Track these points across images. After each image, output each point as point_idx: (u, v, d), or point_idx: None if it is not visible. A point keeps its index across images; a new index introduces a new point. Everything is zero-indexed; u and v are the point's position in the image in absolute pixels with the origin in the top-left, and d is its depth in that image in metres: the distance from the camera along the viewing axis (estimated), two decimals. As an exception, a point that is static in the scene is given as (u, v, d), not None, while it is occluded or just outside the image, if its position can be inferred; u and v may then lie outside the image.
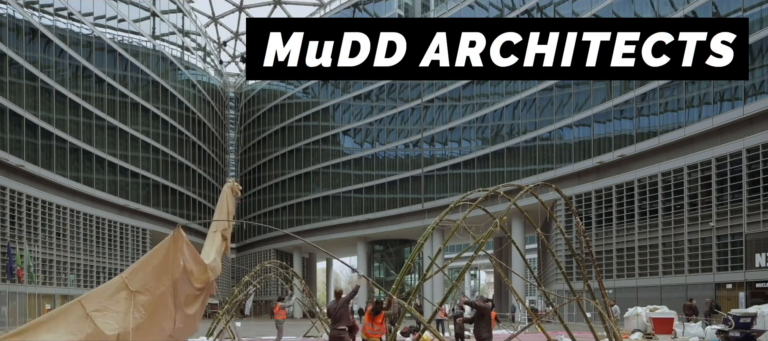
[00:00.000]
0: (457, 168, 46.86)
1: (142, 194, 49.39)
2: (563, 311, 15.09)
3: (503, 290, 52.08)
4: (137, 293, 6.99)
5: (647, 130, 32.33)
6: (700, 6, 29.25)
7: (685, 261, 29.66)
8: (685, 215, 29.62)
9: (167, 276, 7.45)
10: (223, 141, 70.78)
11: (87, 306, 6.66)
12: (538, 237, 15.73)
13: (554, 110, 38.65)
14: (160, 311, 7.39)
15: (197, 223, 59.89)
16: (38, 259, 35.45)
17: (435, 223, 11.30)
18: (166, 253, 7.45)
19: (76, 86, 39.88)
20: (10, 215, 32.79)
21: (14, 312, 32.60)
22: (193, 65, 59.69)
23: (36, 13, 35.85)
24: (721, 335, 16.94)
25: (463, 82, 45.68)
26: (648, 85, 31.73)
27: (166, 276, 7.42)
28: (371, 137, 55.15)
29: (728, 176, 27.42)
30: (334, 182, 57.32)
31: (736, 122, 27.22)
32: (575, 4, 36.92)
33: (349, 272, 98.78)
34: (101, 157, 43.18)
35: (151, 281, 7.24)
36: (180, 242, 7.55)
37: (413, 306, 20.23)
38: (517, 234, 41.03)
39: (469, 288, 75.93)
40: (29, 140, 35.01)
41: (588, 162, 35.88)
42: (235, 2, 65.71)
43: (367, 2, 54.28)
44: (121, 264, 46.01)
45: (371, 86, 53.75)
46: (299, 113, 61.63)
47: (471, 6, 45.38)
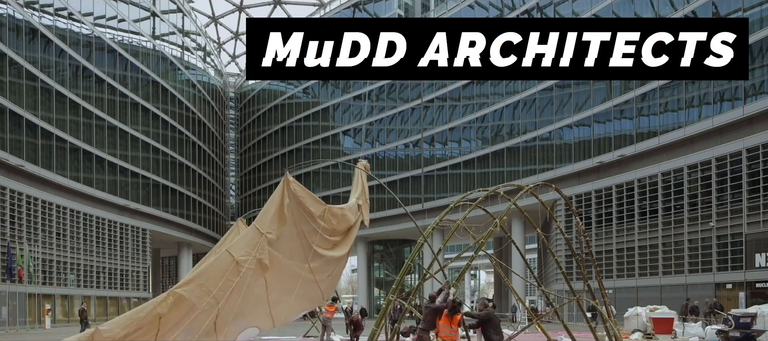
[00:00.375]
0: (457, 168, 46.87)
1: (142, 194, 49.38)
2: (563, 311, 15.09)
3: (503, 290, 52.08)
4: (268, 233, 7.85)
5: (647, 130, 32.33)
6: (700, 6, 29.25)
7: (685, 261, 29.66)
8: (685, 215, 29.62)
9: (289, 222, 8.11)
10: (223, 141, 70.78)
11: (235, 253, 7.63)
12: (538, 237, 15.73)
13: (554, 110, 38.65)
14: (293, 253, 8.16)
15: (199, 225, 59.92)
16: (38, 259, 35.44)
17: (435, 223, 11.29)
18: (281, 198, 8.09)
19: (76, 86, 39.88)
20: (10, 215, 32.79)
21: (14, 312, 32.59)
22: (193, 65, 59.69)
23: (36, 13, 35.85)
24: (721, 335, 16.95)
25: (463, 82, 45.68)
26: (648, 85, 31.73)
27: (288, 223, 8.09)
28: (371, 137, 55.16)
29: (728, 176, 27.41)
30: (334, 182, 57.33)
31: (736, 122, 27.22)
32: (575, 4, 36.92)
33: (349, 272, 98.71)
34: (101, 157, 43.18)
35: (275, 224, 8.01)
36: (290, 185, 8.15)
37: (413, 306, 20.24)
38: (517, 234, 41.03)
39: (469, 287, 75.93)
40: (29, 140, 35.01)
41: (588, 162, 35.88)
42: (235, 2, 65.72)
43: (367, 2, 54.28)
44: (121, 264, 46.02)
45: (371, 86, 53.75)
46: (299, 113, 61.63)
47: (471, 6, 45.38)
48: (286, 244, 8.22)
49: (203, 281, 7.66)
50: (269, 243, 7.94)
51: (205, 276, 7.64)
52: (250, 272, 7.82)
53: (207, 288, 7.59)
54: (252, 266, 7.78)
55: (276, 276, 8.20)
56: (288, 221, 8.15)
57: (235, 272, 7.70)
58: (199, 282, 7.58)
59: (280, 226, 8.09)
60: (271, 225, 8.09)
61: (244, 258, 7.75)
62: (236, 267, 7.72)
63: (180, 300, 7.58)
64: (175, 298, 7.61)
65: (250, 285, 7.91)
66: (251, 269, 7.84)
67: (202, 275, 7.71)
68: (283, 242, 8.13)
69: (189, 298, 7.58)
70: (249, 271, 7.79)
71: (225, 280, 7.68)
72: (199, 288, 7.59)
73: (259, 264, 7.87)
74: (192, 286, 7.55)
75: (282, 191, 8.11)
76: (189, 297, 7.51)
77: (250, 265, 7.76)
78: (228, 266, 7.76)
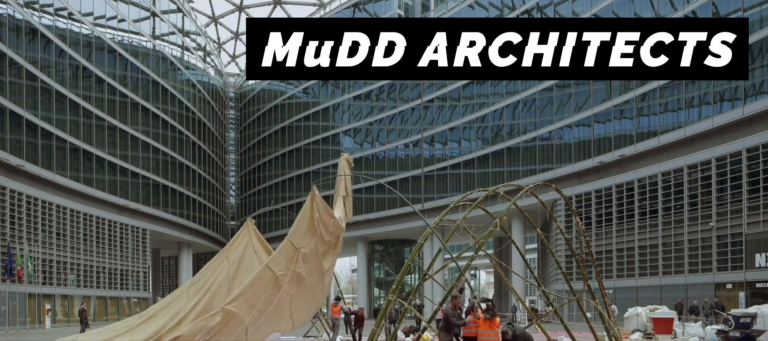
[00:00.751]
0: (457, 168, 46.87)
1: (142, 194, 49.39)
2: (563, 311, 15.09)
3: (503, 290, 52.08)
4: (302, 248, 8.47)
5: (647, 130, 32.33)
6: (700, 6, 29.25)
7: (685, 261, 29.66)
8: (685, 215, 29.61)
9: (315, 233, 8.72)
10: (223, 141, 70.78)
11: (275, 268, 8.24)
12: (538, 237, 15.73)
13: (554, 110, 38.65)
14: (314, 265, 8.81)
15: (199, 225, 59.91)
16: (38, 259, 35.44)
17: (435, 223, 11.29)
18: (311, 212, 8.65)
19: (76, 86, 39.88)
20: (10, 215, 32.79)
21: (14, 312, 32.58)
22: (193, 65, 59.69)
23: (36, 13, 35.86)
24: (721, 335, 16.94)
25: (463, 82, 45.66)
26: (648, 85, 31.73)
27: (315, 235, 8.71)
28: (371, 137, 55.14)
29: (728, 176, 27.41)
30: (334, 182, 57.26)
31: (736, 122, 27.22)
32: (575, 4, 36.91)
33: (349, 272, 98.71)
34: (101, 157, 43.18)
35: (307, 238, 8.62)
36: (316, 199, 8.75)
37: (414, 305, 20.25)
38: (517, 234, 41.02)
39: (469, 287, 75.80)
40: (29, 140, 35.01)
41: (588, 162, 35.87)
42: (235, 2, 65.72)
43: (367, 2, 54.27)
44: (121, 264, 46.02)
45: (371, 85, 53.74)
46: (299, 113, 61.63)
47: (471, 6, 45.38)
48: (311, 255, 8.73)
49: (248, 296, 8.21)
50: (303, 257, 8.51)
51: (250, 291, 8.22)
52: (290, 285, 8.43)
53: (252, 302, 8.15)
54: (292, 280, 8.38)
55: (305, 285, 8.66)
56: (316, 233, 8.77)
57: (276, 286, 8.31)
58: (246, 298, 8.15)
59: (310, 239, 8.67)
60: (303, 239, 8.65)
61: (282, 273, 8.34)
62: (277, 282, 8.32)
63: (230, 316, 8.08)
64: (224, 314, 8.08)
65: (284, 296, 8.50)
66: (291, 282, 8.45)
67: (247, 291, 8.25)
68: (310, 254, 8.72)
69: (238, 313, 8.08)
70: (290, 284, 8.39)
71: (267, 294, 8.29)
72: (246, 303, 8.14)
73: (297, 277, 8.45)
74: (240, 302, 8.10)
75: (311, 205, 8.67)
76: (238, 311, 8.01)
77: (289, 279, 8.35)
78: (269, 281, 8.34)
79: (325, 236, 9.21)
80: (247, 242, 9.88)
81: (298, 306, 9.05)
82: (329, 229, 9.20)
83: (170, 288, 71.51)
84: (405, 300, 14.33)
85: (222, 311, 8.10)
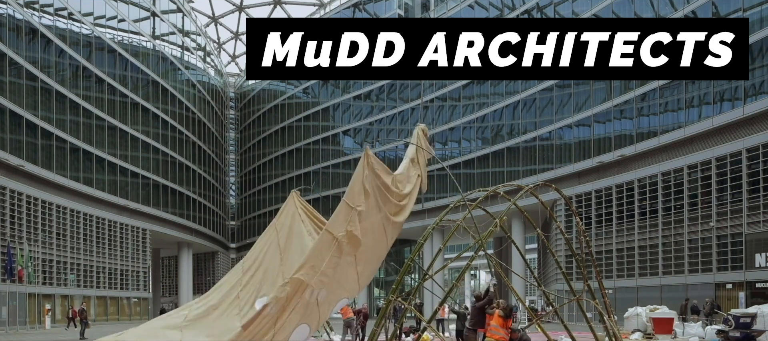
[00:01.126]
0: (457, 168, 46.87)
1: (142, 194, 49.40)
2: (563, 311, 15.10)
3: (503, 290, 52.06)
4: (358, 206, 8.53)
5: (647, 130, 32.33)
6: (699, 6, 29.25)
7: (685, 261, 29.66)
8: (685, 215, 29.61)
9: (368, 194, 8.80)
10: (223, 141, 70.79)
11: (334, 231, 8.35)
12: (538, 237, 15.72)
13: (554, 110, 38.65)
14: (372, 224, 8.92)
15: (199, 225, 59.90)
16: (38, 259, 35.45)
17: (435, 223, 11.28)
18: (361, 174, 8.72)
19: (76, 86, 39.89)
20: (10, 215, 32.79)
21: (14, 312, 32.59)
22: (193, 65, 59.71)
23: (36, 13, 35.86)
24: (721, 335, 16.94)
25: (463, 82, 45.65)
26: (648, 85, 31.72)
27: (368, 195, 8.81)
28: (371, 137, 55.15)
29: (728, 176, 27.41)
30: (334, 182, 57.33)
31: (736, 122, 27.21)
32: (575, 4, 36.91)
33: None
34: (101, 157, 43.19)
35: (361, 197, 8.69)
36: (370, 160, 8.80)
37: (414, 305, 20.24)
38: (517, 234, 41.02)
39: (469, 287, 75.89)
40: (29, 140, 35.01)
41: (588, 162, 35.87)
42: (235, 2, 65.73)
43: (367, 2, 54.28)
44: (121, 264, 46.02)
45: (371, 85, 53.75)
46: (299, 113, 61.63)
47: (471, 6, 45.38)
48: (368, 214, 8.81)
49: (314, 262, 8.27)
50: (359, 216, 8.56)
51: (314, 257, 8.29)
52: (349, 246, 8.51)
53: (317, 267, 8.22)
54: (349, 240, 8.47)
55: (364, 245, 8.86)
56: (370, 194, 8.81)
57: (338, 249, 8.36)
58: (311, 264, 8.22)
59: (366, 199, 8.74)
60: (358, 198, 8.68)
61: (342, 235, 8.42)
62: (338, 245, 8.37)
63: (298, 285, 8.15)
64: (293, 284, 8.16)
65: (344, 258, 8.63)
66: (349, 243, 8.52)
67: (312, 257, 8.30)
68: (366, 215, 8.78)
69: (307, 281, 8.18)
70: (349, 245, 8.48)
71: (331, 258, 8.33)
72: (312, 270, 8.23)
73: (352, 238, 8.47)
74: (306, 269, 8.16)
75: (362, 164, 8.76)
76: (306, 279, 8.12)
77: (347, 239, 8.44)
78: (330, 244, 8.36)
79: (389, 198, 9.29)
80: (293, 213, 9.93)
81: (363, 267, 9.18)
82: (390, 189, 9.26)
83: (170, 288, 71.54)
84: (405, 300, 14.33)
85: (291, 281, 8.17)
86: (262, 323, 8.23)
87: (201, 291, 68.25)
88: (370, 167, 8.86)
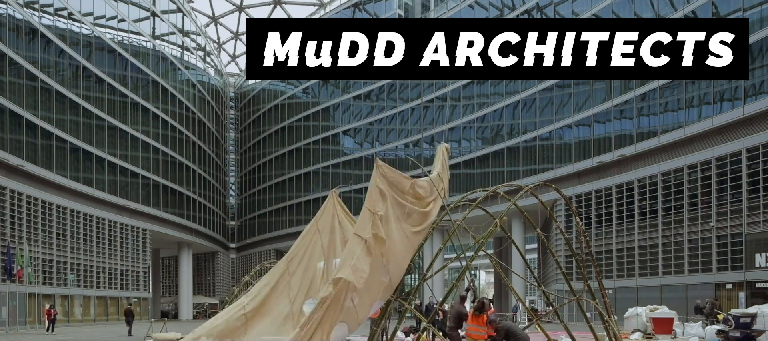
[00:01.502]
0: (457, 168, 46.85)
1: (142, 194, 49.39)
2: (563, 311, 15.09)
3: (503, 290, 52.06)
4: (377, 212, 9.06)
5: (647, 130, 32.33)
6: (700, 6, 29.25)
7: (685, 261, 29.66)
8: (685, 215, 29.61)
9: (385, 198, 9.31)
10: (223, 141, 70.78)
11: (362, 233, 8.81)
12: (538, 237, 15.73)
13: (554, 110, 38.65)
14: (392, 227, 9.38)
15: (200, 226, 59.90)
16: (38, 259, 35.44)
17: (435, 223, 11.28)
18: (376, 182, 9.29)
19: (76, 86, 39.88)
20: (10, 215, 32.79)
21: (14, 312, 32.58)
22: (193, 65, 59.71)
23: (36, 13, 35.85)
24: (721, 335, 16.94)
25: (463, 82, 45.65)
26: (648, 85, 31.72)
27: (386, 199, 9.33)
28: (371, 137, 55.14)
29: (728, 176, 27.41)
30: (334, 182, 57.31)
31: (736, 122, 27.21)
32: (575, 4, 36.91)
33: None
34: (101, 157, 43.18)
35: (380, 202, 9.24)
36: (382, 169, 9.35)
37: (413, 306, 20.24)
38: (517, 234, 41.02)
39: (472, 288, 75.73)
40: (29, 140, 35.01)
41: (588, 162, 35.87)
42: (235, 2, 65.73)
43: (367, 2, 54.28)
44: (121, 264, 46.02)
45: (371, 85, 53.75)
46: (299, 113, 61.63)
47: (471, 6, 45.38)
48: (388, 218, 9.27)
49: (351, 262, 8.67)
50: (380, 220, 9.02)
51: (350, 257, 8.73)
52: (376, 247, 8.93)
53: (355, 267, 8.63)
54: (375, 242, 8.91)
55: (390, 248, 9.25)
56: (387, 198, 9.27)
57: (368, 251, 8.80)
58: (350, 265, 8.64)
59: (383, 203, 9.20)
60: (377, 204, 9.13)
61: (369, 237, 8.89)
62: (367, 246, 8.81)
63: (341, 283, 8.52)
64: (336, 283, 8.54)
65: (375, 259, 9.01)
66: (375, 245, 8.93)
67: (348, 258, 8.75)
68: (387, 216, 9.23)
69: (349, 279, 8.58)
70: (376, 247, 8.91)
71: (364, 258, 8.78)
72: (352, 269, 8.64)
73: (378, 240, 8.91)
74: (346, 269, 8.58)
75: (375, 174, 9.25)
76: (348, 278, 8.51)
77: (374, 242, 8.88)
78: (360, 245, 8.81)
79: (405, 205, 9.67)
80: (333, 213, 10.38)
81: (394, 267, 9.54)
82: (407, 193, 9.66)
83: (170, 288, 71.56)
84: (405, 300, 14.31)
85: (334, 280, 8.54)
86: (313, 323, 8.57)
87: (201, 291, 68.33)
88: (383, 176, 9.29)
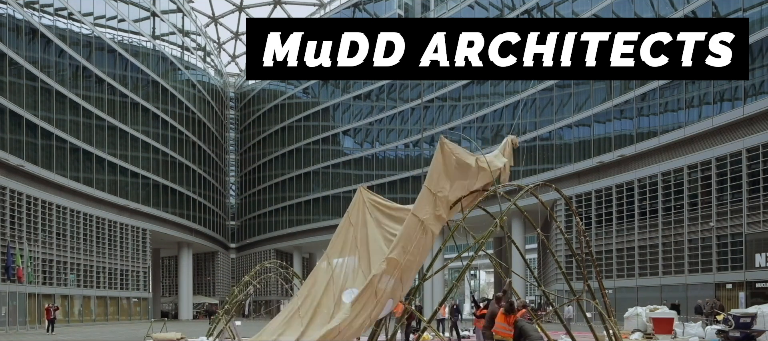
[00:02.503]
0: (457, 168, 46.85)
1: (142, 194, 49.39)
2: (563, 311, 15.11)
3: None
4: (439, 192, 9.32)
5: (647, 130, 32.32)
6: (700, 6, 29.24)
7: (685, 261, 29.65)
8: (685, 215, 29.61)
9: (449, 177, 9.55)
10: (223, 141, 70.78)
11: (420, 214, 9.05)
12: (538, 237, 15.72)
13: (554, 110, 38.64)
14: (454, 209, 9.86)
15: (200, 225, 59.89)
16: (38, 259, 35.44)
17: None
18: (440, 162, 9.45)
19: (76, 86, 39.88)
20: (10, 215, 32.78)
21: (14, 312, 32.59)
22: (193, 65, 59.71)
23: (36, 13, 35.86)
24: (721, 335, 16.94)
25: (463, 82, 45.64)
26: (648, 85, 31.71)
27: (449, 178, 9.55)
28: (371, 137, 55.14)
29: (728, 176, 27.40)
30: (334, 182, 57.32)
31: (736, 122, 27.20)
32: (575, 3, 36.90)
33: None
34: (101, 157, 43.18)
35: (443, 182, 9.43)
36: (445, 148, 9.46)
37: (414, 306, 20.22)
38: (517, 234, 41.01)
39: (468, 287, 75.77)
40: (29, 140, 35.01)
41: (588, 162, 35.87)
42: (235, 2, 65.72)
43: (367, 2, 54.26)
44: (121, 264, 46.01)
45: (371, 85, 53.74)
46: (299, 113, 61.62)
47: (471, 6, 45.37)
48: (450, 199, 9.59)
49: (404, 243, 8.93)
50: (439, 201, 9.23)
51: (405, 239, 8.98)
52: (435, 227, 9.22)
53: (407, 248, 8.89)
54: (435, 221, 9.15)
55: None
56: (451, 177, 9.47)
57: (424, 231, 9.02)
58: (402, 245, 8.88)
59: (446, 183, 9.37)
60: (439, 184, 9.28)
61: (427, 218, 9.08)
62: (424, 227, 9.01)
63: (393, 263, 8.84)
64: (388, 262, 8.87)
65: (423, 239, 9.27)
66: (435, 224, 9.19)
67: (402, 238, 8.99)
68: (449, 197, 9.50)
69: (399, 259, 8.88)
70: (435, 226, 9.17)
71: (418, 240, 9.03)
72: (403, 250, 8.90)
73: (439, 219, 9.19)
74: (398, 250, 8.83)
75: (439, 152, 9.35)
76: (399, 258, 8.80)
77: (433, 221, 9.11)
78: (417, 226, 9.01)
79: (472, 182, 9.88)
80: (362, 209, 10.68)
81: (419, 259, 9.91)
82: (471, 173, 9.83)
83: (170, 288, 71.59)
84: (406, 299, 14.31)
85: (387, 259, 8.81)
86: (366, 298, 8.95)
87: (201, 291, 68.35)
88: (447, 153, 9.47)
